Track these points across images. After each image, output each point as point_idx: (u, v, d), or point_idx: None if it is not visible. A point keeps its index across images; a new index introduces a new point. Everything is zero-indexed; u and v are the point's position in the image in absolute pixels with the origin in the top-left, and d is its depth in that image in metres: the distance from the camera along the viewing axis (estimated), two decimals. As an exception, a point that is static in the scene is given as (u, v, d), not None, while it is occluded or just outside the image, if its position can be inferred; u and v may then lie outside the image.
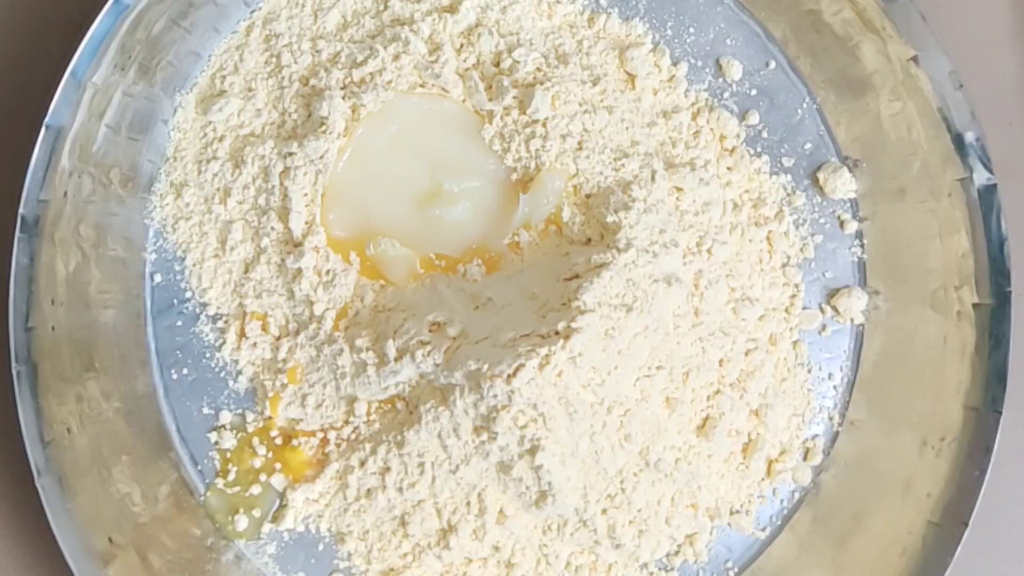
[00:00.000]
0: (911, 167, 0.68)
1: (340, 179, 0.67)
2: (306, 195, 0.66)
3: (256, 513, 0.67)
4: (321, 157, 0.66)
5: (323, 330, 0.66)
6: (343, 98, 0.66)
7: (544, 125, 0.66)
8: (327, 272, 0.66)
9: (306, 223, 0.66)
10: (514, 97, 0.67)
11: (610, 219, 0.64)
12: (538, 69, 0.67)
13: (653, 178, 0.66)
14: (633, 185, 0.66)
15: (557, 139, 0.66)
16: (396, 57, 0.67)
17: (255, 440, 0.67)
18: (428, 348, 0.63)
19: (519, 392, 0.60)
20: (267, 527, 0.67)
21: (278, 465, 0.67)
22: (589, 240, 0.66)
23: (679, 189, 0.67)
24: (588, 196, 0.67)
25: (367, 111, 0.67)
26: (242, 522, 0.67)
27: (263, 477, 0.67)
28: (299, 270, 0.66)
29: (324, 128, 0.66)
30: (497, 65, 0.68)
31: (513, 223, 0.67)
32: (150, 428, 0.67)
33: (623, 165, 0.66)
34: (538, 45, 0.68)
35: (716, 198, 0.68)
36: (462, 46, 0.68)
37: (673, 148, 0.69)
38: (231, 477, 0.67)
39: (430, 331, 0.64)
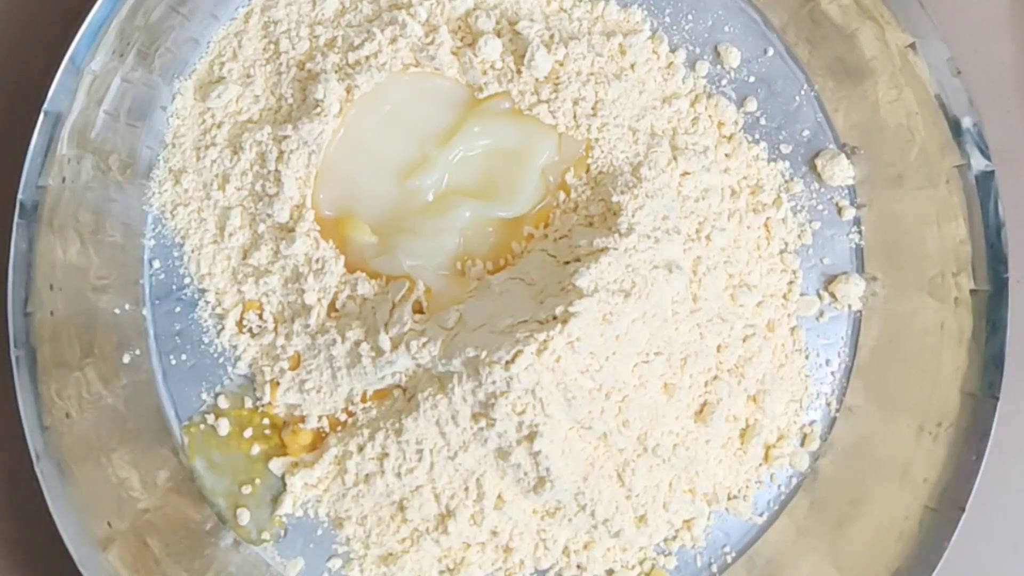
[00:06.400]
0: (909, 154, 0.68)
1: (332, 159, 0.67)
2: (299, 177, 0.66)
3: (260, 517, 0.67)
4: (315, 138, 0.66)
5: (316, 319, 0.66)
6: (338, 80, 0.66)
7: (556, 88, 0.67)
8: (317, 260, 0.66)
9: (296, 206, 0.66)
10: (514, 62, 0.67)
11: (615, 198, 0.65)
12: (540, 37, 0.67)
13: (663, 161, 0.66)
14: (643, 167, 0.66)
15: (569, 102, 0.66)
16: (393, 40, 0.67)
17: (249, 431, 0.67)
18: (424, 340, 0.63)
19: (517, 378, 0.60)
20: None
21: (266, 458, 0.67)
22: (592, 222, 0.66)
23: (685, 175, 0.67)
24: (599, 174, 0.67)
25: (361, 92, 0.67)
26: (244, 516, 0.67)
27: (259, 480, 0.67)
28: (291, 257, 0.66)
29: (319, 110, 0.66)
30: (498, 36, 0.68)
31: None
32: (149, 414, 0.67)
33: (635, 144, 0.67)
34: (539, 22, 0.68)
35: (715, 185, 0.68)
36: (459, 28, 0.68)
37: (674, 136, 0.69)
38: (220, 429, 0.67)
39: (414, 311, 0.64)
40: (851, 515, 0.66)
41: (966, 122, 0.65)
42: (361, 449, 0.65)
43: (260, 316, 0.68)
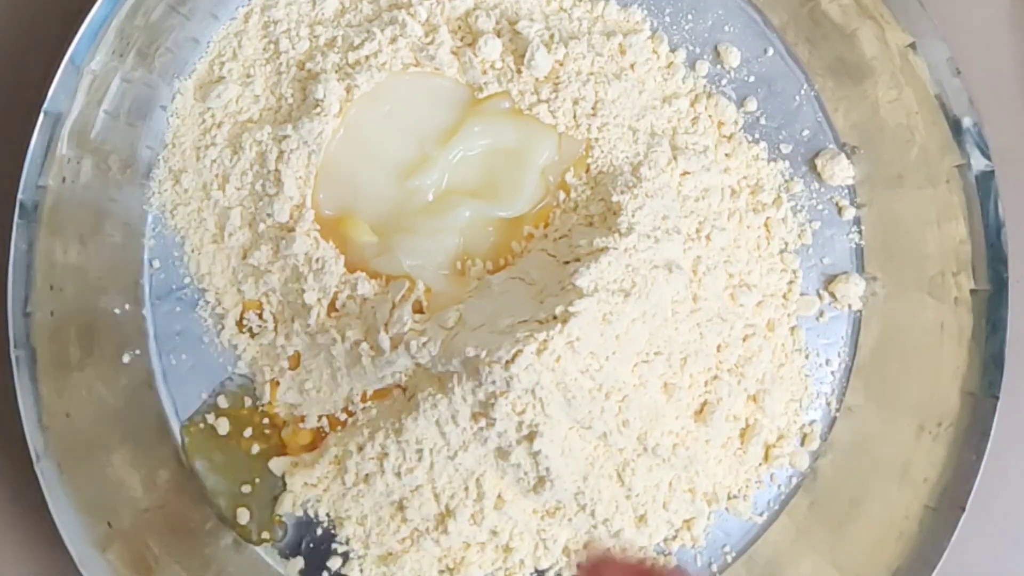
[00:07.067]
0: (909, 153, 0.68)
1: (332, 159, 0.67)
2: (299, 177, 0.67)
3: (260, 517, 0.67)
4: (315, 138, 0.66)
5: (316, 319, 0.66)
6: (338, 80, 0.66)
7: (556, 88, 0.67)
8: (317, 260, 0.66)
9: (296, 206, 0.66)
10: (515, 61, 0.67)
11: (615, 198, 0.65)
12: (540, 37, 0.67)
13: (663, 161, 0.66)
14: (643, 167, 0.66)
15: (569, 102, 0.66)
16: (393, 40, 0.67)
17: (249, 431, 0.67)
18: (424, 339, 0.63)
19: (517, 378, 0.60)
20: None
21: (266, 458, 0.67)
22: (592, 222, 0.66)
23: (685, 174, 0.67)
24: (599, 173, 0.67)
25: (361, 91, 0.67)
26: (244, 516, 0.67)
27: (259, 480, 0.67)
28: (291, 256, 0.66)
29: (319, 110, 0.66)
30: (498, 36, 0.68)
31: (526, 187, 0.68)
32: (149, 413, 0.67)
33: (635, 144, 0.67)
34: (539, 21, 0.68)
35: (715, 184, 0.68)
36: (459, 27, 0.69)
37: (674, 136, 0.69)
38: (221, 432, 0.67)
39: (414, 311, 0.64)
40: (851, 515, 0.66)
41: (966, 122, 0.65)
42: (361, 449, 0.65)
43: (260, 316, 0.68)
